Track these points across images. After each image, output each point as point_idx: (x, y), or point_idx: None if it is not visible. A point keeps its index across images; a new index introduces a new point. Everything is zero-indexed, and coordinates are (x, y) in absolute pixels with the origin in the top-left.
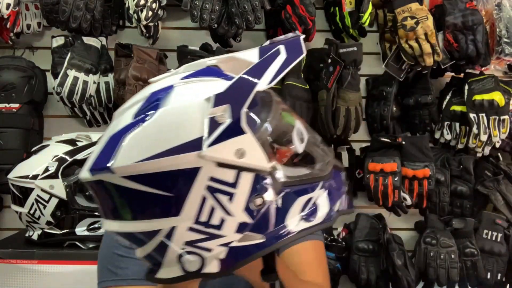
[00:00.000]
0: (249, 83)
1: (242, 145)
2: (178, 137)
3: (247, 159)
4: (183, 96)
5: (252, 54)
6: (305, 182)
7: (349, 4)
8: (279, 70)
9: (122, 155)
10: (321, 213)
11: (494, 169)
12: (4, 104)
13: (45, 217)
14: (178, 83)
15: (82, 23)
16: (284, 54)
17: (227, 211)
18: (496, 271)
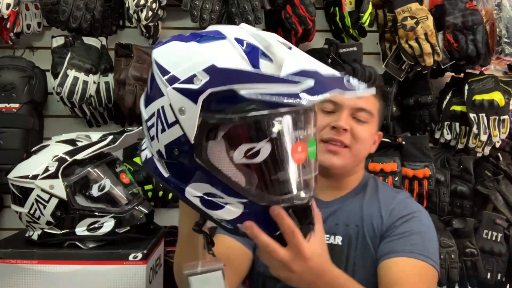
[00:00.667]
0: (232, 79)
1: (187, 107)
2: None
3: (182, 119)
4: (214, 49)
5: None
6: (225, 182)
7: (349, 4)
8: (267, 94)
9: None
10: (220, 213)
11: (494, 169)
12: (4, 104)
13: (45, 217)
14: (230, 39)
15: (82, 23)
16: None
17: (157, 136)
18: (496, 271)
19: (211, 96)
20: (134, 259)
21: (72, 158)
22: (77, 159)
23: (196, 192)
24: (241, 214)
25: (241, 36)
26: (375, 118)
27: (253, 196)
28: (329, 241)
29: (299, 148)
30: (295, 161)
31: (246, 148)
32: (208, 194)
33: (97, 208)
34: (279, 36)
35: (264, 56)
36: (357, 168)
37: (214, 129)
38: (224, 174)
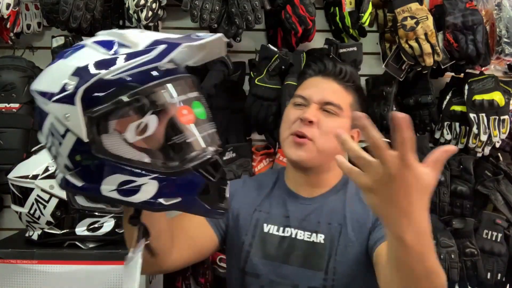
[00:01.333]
0: (95, 71)
1: (70, 113)
2: (49, 85)
3: (71, 125)
4: (77, 57)
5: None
6: (130, 165)
7: (349, 4)
8: (130, 69)
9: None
10: (138, 196)
11: (494, 169)
12: (4, 104)
13: (45, 217)
14: (89, 44)
15: (82, 23)
16: (152, 55)
17: (58, 151)
18: (496, 271)
19: (87, 94)
20: None
21: None
22: None
23: (110, 186)
24: (157, 189)
25: (98, 39)
26: (346, 112)
27: (160, 167)
28: (310, 239)
29: (184, 111)
30: (185, 122)
31: (134, 126)
32: (122, 183)
33: (97, 208)
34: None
35: (122, 46)
36: (331, 164)
37: (102, 121)
38: (127, 158)
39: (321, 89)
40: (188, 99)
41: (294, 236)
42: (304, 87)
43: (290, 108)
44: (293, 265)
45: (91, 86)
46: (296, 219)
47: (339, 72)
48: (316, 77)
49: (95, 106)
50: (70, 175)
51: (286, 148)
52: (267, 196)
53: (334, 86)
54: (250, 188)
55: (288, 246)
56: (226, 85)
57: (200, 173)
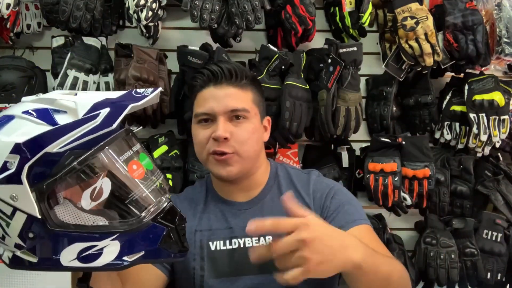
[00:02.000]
0: (39, 145)
1: (17, 192)
2: None
3: (19, 204)
4: (8, 131)
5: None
6: (88, 231)
7: (349, 4)
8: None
9: None
10: (102, 260)
11: (494, 169)
12: (4, 104)
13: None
14: (18, 115)
15: (82, 23)
16: (98, 121)
17: (6, 232)
18: (496, 271)
19: (32, 170)
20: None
21: None
22: None
23: (70, 256)
24: (120, 248)
25: (26, 108)
26: (253, 111)
27: (119, 227)
28: (259, 243)
29: (134, 166)
30: (137, 177)
31: (88, 193)
32: (82, 251)
33: None
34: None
35: (57, 112)
36: (258, 164)
37: (52, 194)
38: (85, 226)
39: (220, 99)
40: (134, 153)
41: (242, 246)
42: (201, 102)
43: (196, 127)
44: (250, 274)
45: (37, 161)
46: (240, 227)
47: (229, 75)
48: (208, 87)
49: (44, 180)
50: (22, 253)
51: (211, 167)
52: (203, 212)
53: (231, 91)
54: (183, 209)
55: (240, 257)
56: None
57: (159, 222)
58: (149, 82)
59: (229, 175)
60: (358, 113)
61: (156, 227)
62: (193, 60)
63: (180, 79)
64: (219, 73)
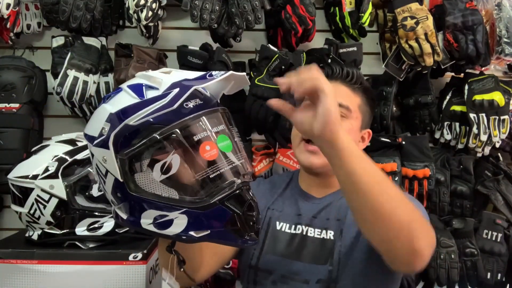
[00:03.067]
0: (122, 117)
1: (106, 156)
2: (92, 129)
3: (108, 166)
4: (113, 102)
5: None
6: (160, 201)
7: (349, 4)
8: (148, 115)
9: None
10: (172, 229)
11: (494, 169)
12: (4, 104)
13: (45, 217)
14: (124, 88)
15: (82, 23)
16: (167, 99)
17: (104, 189)
18: (496, 271)
19: (117, 138)
20: (134, 259)
21: (72, 158)
22: (77, 159)
23: (148, 220)
24: (187, 222)
25: (132, 82)
26: (355, 114)
27: (188, 202)
28: (321, 235)
29: (207, 147)
30: (208, 158)
31: (158, 166)
32: (156, 217)
33: (97, 208)
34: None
35: (151, 88)
36: None
37: (134, 162)
38: (158, 195)
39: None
40: (212, 134)
41: (305, 233)
42: None
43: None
44: (304, 261)
45: (119, 132)
46: (307, 217)
47: (346, 75)
48: None
49: (125, 149)
50: (117, 208)
51: (298, 154)
52: (280, 196)
53: (342, 89)
54: (264, 189)
55: (299, 243)
56: None
57: (226, 206)
58: None
59: (312, 165)
60: None
61: (222, 210)
62: (193, 60)
63: None
64: (338, 71)
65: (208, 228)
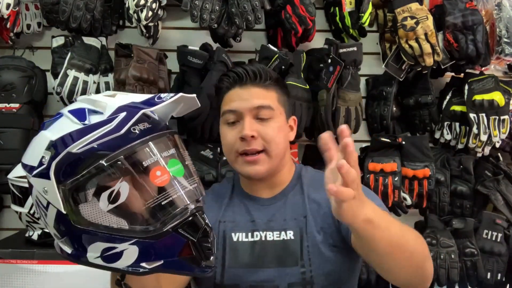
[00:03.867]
0: (65, 144)
1: (47, 187)
2: (30, 158)
3: (49, 198)
4: (53, 128)
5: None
6: (109, 232)
7: (349, 4)
8: (93, 141)
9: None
10: (122, 262)
11: (494, 169)
12: (4, 104)
13: None
14: (65, 114)
15: (82, 23)
16: (113, 124)
17: (45, 222)
18: (496, 271)
19: (59, 167)
20: None
21: None
22: None
23: (94, 253)
24: (138, 254)
25: (73, 107)
26: (278, 110)
27: (138, 232)
28: (280, 237)
29: (158, 173)
30: (159, 184)
31: (105, 195)
32: (104, 250)
33: None
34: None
35: (95, 113)
36: (283, 162)
37: (77, 192)
38: (105, 226)
39: (245, 98)
40: (162, 159)
41: (264, 239)
42: (227, 102)
43: (224, 128)
44: (269, 267)
45: (61, 160)
46: (262, 221)
47: (254, 76)
48: (234, 89)
49: (68, 178)
50: (60, 242)
51: (240, 167)
52: (228, 205)
53: (256, 91)
54: (209, 202)
55: (260, 249)
56: None
57: (179, 233)
58: (149, 82)
59: (257, 173)
60: (358, 113)
61: (175, 237)
62: (193, 60)
63: (180, 79)
64: (244, 75)
65: (161, 258)
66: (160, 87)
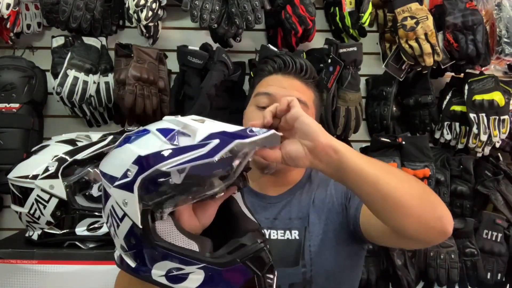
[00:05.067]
0: (154, 161)
1: (128, 199)
2: (114, 169)
3: (128, 210)
4: (140, 143)
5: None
6: (179, 252)
7: (349, 4)
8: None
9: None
10: (186, 284)
11: (494, 169)
12: (4, 104)
13: (45, 217)
14: (153, 131)
15: (82, 23)
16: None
17: (116, 233)
18: (496, 271)
19: (144, 183)
20: None
21: (72, 158)
22: (77, 159)
23: (160, 272)
24: (203, 279)
25: (161, 126)
26: (311, 110)
27: (208, 257)
28: (284, 236)
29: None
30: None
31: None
32: (170, 270)
33: (97, 208)
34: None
35: (183, 135)
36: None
37: (158, 209)
38: (177, 246)
39: (285, 86)
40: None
41: (267, 237)
42: (265, 84)
43: (253, 109)
44: None
45: (149, 176)
46: (267, 220)
47: (300, 69)
48: (276, 75)
49: (151, 195)
50: (125, 255)
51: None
52: None
53: (297, 84)
54: None
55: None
56: (226, 85)
57: (247, 265)
58: (149, 82)
59: (272, 164)
60: (358, 113)
61: (242, 268)
62: (193, 60)
63: (180, 79)
64: (291, 64)
65: (225, 286)
66: (160, 87)
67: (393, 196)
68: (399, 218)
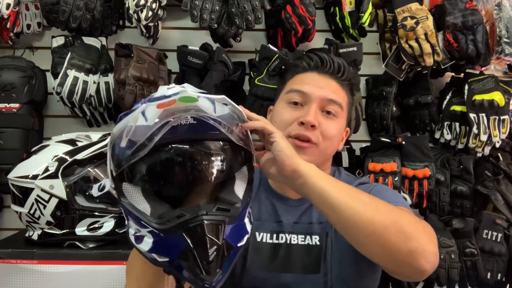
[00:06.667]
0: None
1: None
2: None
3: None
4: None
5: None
6: (132, 214)
7: (349, 4)
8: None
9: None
10: (141, 246)
11: (494, 169)
12: (4, 104)
13: (45, 217)
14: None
15: (82, 23)
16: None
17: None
18: (496, 271)
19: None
20: None
21: (72, 158)
22: (77, 159)
23: (131, 231)
24: (152, 243)
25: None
26: (344, 112)
27: (152, 222)
28: (305, 242)
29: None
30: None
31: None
32: (137, 230)
33: (97, 208)
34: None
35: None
36: (324, 166)
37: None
38: (133, 207)
39: (321, 86)
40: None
41: (288, 242)
42: (299, 81)
43: (284, 106)
44: (292, 272)
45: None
46: (289, 223)
47: (338, 69)
48: (312, 72)
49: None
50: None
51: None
52: (253, 201)
53: (333, 84)
54: None
55: (285, 253)
56: (226, 85)
57: (180, 235)
58: (149, 82)
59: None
60: (358, 113)
61: (177, 238)
62: (193, 60)
63: (180, 79)
64: (328, 63)
65: (166, 255)
66: None
67: (354, 220)
68: (361, 243)
